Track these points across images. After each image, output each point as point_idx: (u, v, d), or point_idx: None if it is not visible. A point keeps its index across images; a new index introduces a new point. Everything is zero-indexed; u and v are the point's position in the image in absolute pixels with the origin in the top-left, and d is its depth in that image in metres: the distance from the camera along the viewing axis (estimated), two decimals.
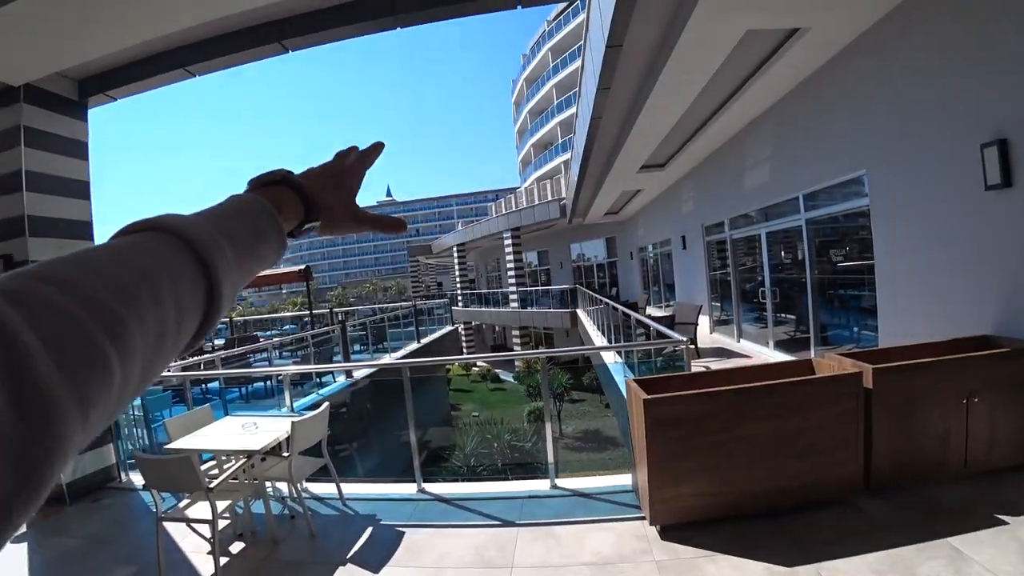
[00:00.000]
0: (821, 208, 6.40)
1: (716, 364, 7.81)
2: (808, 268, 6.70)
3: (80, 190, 4.78)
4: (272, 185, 0.55)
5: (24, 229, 4.31)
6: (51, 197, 4.51)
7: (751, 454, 2.87)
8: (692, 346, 7.87)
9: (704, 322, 10.52)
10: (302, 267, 11.38)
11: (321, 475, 3.82)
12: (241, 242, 0.46)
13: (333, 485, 3.83)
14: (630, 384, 3.15)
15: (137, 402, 5.68)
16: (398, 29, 4.09)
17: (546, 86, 34.69)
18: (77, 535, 3.82)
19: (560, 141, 32.97)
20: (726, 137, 8.75)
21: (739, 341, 9.26)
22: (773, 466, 2.90)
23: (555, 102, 33.69)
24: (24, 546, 3.68)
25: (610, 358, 8.57)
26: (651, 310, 14.77)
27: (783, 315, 7.87)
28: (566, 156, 26.98)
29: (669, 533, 2.87)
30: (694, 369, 3.92)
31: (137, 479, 4.56)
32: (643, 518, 3.03)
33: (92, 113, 4.88)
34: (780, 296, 7.80)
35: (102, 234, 4.87)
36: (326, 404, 3.82)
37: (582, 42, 8.10)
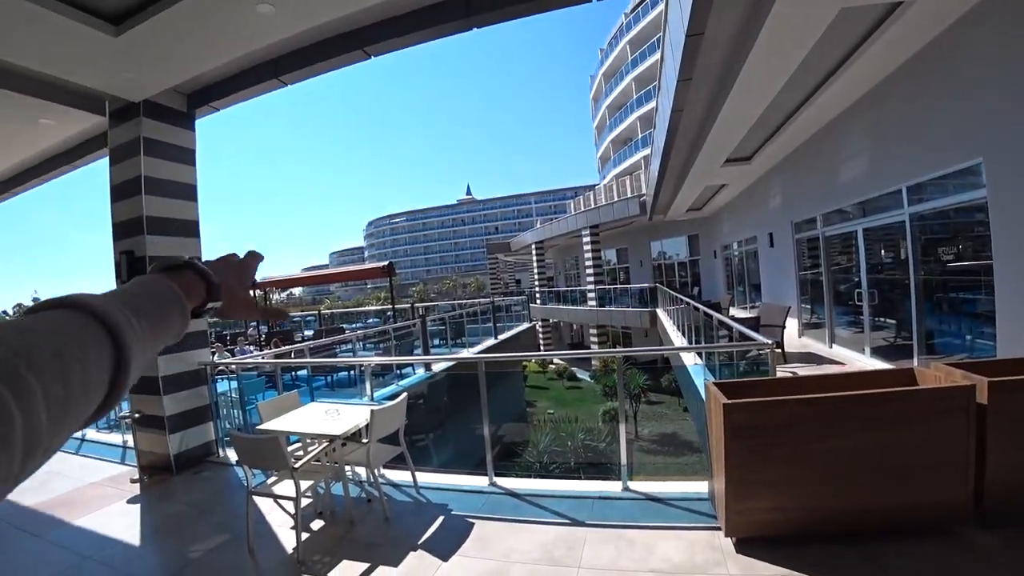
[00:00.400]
0: (928, 201, 5.78)
1: (804, 370, 7.32)
2: (912, 268, 6.07)
3: (189, 193, 5.31)
4: (178, 269, 0.61)
5: (143, 228, 4.83)
6: (165, 199, 5.04)
7: (840, 469, 2.65)
8: (778, 350, 7.42)
9: (792, 325, 9.86)
10: (386, 263, 11.94)
11: (397, 463, 3.97)
12: (149, 318, 0.50)
13: (408, 473, 3.98)
14: (709, 387, 3.00)
15: (234, 385, 6.23)
16: (473, 30, 4.16)
17: (625, 80, 34.01)
18: (181, 502, 4.26)
19: (640, 136, 32.16)
20: (818, 126, 8.14)
21: (831, 346, 8.59)
22: (865, 485, 2.65)
23: (634, 96, 32.94)
24: (138, 507, 4.17)
25: (690, 360, 8.26)
26: (735, 311, 14.07)
27: (882, 319, 7.20)
28: (646, 151, 26.35)
29: (745, 547, 2.72)
30: (780, 375, 3.67)
31: (233, 455, 4.97)
32: (718, 528, 2.89)
33: (198, 123, 5.43)
34: (879, 298, 7.14)
35: (206, 233, 5.36)
36: (404, 395, 3.96)
37: (661, 32, 7.84)
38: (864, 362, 7.22)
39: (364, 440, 3.65)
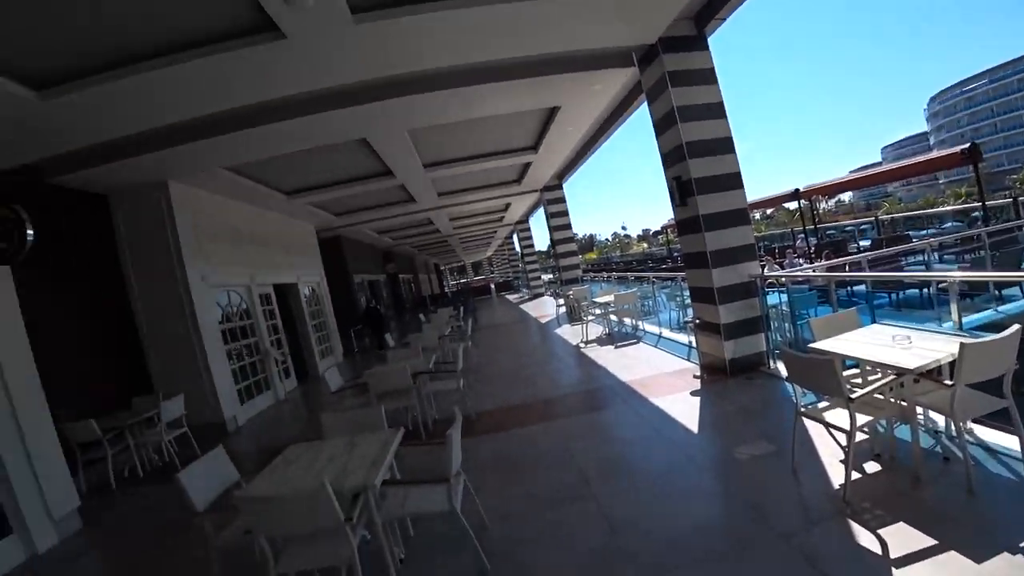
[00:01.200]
0: None
1: None
2: None
3: (717, 111, 5.50)
4: None
5: (684, 154, 5.37)
6: (697, 123, 5.41)
7: None
8: None
9: None
10: (966, 146, 8.35)
11: (995, 419, 2.92)
12: None
13: (1014, 438, 2.76)
14: None
15: (784, 298, 6.20)
16: None
17: None
18: (733, 403, 4.72)
19: None
20: None
21: None
22: None
23: None
24: (697, 400, 4.97)
25: None
26: None
27: None
28: None
29: None
30: None
31: (782, 369, 4.99)
32: None
33: (711, 40, 5.44)
34: None
35: (740, 149, 5.51)
36: (1017, 327, 2.69)
37: None
38: None
39: (947, 381, 2.81)
